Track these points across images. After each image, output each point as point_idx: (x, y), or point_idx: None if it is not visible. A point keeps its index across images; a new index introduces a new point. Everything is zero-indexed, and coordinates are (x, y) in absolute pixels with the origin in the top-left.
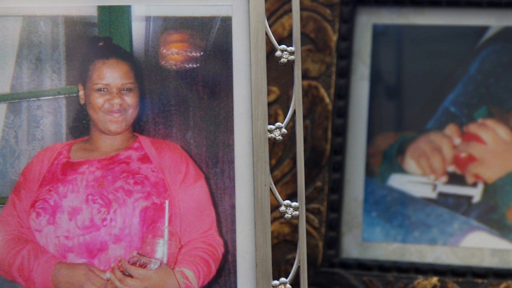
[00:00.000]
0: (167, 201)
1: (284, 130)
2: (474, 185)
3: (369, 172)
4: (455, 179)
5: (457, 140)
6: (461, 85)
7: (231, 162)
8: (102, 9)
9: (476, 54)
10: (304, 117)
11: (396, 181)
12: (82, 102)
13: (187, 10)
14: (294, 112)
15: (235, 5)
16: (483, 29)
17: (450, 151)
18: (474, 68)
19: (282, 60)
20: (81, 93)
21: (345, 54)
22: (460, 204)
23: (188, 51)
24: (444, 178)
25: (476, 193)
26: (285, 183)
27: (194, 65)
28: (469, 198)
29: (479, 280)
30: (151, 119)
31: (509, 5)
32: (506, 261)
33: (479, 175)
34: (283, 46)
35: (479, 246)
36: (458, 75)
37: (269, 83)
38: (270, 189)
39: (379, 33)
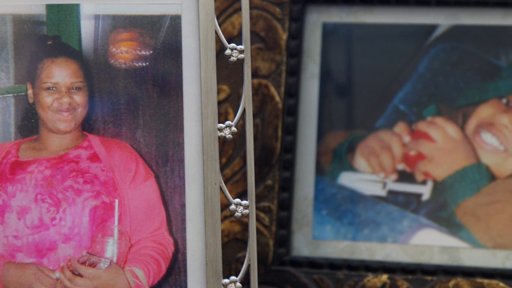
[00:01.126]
0: (116, 200)
1: (234, 128)
2: (424, 183)
3: (319, 170)
4: (405, 177)
5: (407, 138)
6: (410, 84)
7: (181, 160)
8: (50, 7)
9: (425, 53)
10: (254, 116)
11: (346, 179)
12: (30, 101)
13: (136, 8)
14: (244, 111)
15: (185, 3)
16: (432, 28)
17: (399, 149)
18: (423, 67)
19: (232, 58)
20: (29, 92)
21: (295, 53)
22: (409, 202)
23: (138, 49)
24: (393, 176)
25: (425, 191)
26: (235, 181)
27: (144, 64)
28: (418, 195)
29: (429, 278)
30: (101, 118)
31: (457, 3)
32: (455, 259)
33: (428, 173)
34: (232, 45)
35: (429, 244)
36: (407, 74)
37: (219, 81)
38: (220, 188)
39: (329, 31)
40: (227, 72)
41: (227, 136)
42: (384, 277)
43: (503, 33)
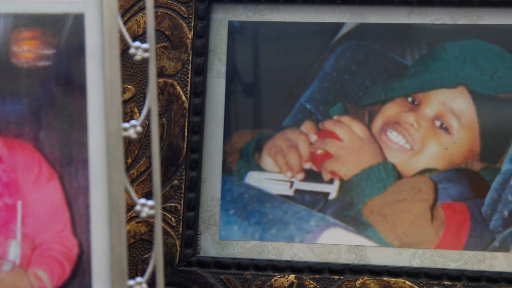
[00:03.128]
0: (19, 202)
1: (139, 128)
2: (331, 181)
3: (226, 170)
4: (312, 176)
5: (313, 137)
6: (317, 82)
7: (85, 161)
8: None
9: (331, 51)
10: (161, 115)
11: (253, 178)
12: None
13: (38, 7)
14: (150, 110)
15: (88, 2)
16: (338, 26)
17: (306, 148)
18: (329, 65)
19: (137, 57)
20: None
21: (201, 52)
22: (316, 201)
23: (40, 48)
24: (300, 175)
25: (332, 190)
26: (141, 182)
27: (47, 63)
28: (325, 194)
29: (336, 277)
30: (3, 118)
31: (363, 2)
32: (362, 257)
33: (335, 172)
34: (137, 43)
35: (336, 243)
36: (314, 72)
37: (125, 81)
38: (126, 188)
39: (235, 30)
40: (133, 71)
41: (132, 136)
42: (291, 277)
43: (408, 31)
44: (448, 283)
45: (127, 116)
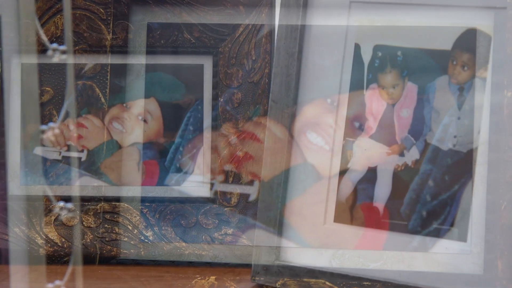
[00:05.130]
0: None
1: (57, 130)
2: (251, 183)
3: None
4: (232, 177)
5: (234, 139)
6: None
7: (3, 164)
8: None
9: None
10: (79, 117)
11: (174, 180)
12: None
13: None
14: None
15: (5, 4)
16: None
17: (226, 150)
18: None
19: (54, 59)
20: None
21: (120, 53)
22: (237, 203)
23: None
24: (220, 177)
25: (252, 191)
26: (61, 183)
27: None
28: (246, 196)
29: (257, 278)
30: None
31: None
32: (282, 258)
33: (255, 174)
34: (54, 45)
35: (256, 244)
36: (234, 74)
37: (43, 83)
38: (45, 191)
39: (154, 31)
40: (51, 73)
41: (50, 138)
42: (212, 279)
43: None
44: (367, 283)
45: (46, 118)
